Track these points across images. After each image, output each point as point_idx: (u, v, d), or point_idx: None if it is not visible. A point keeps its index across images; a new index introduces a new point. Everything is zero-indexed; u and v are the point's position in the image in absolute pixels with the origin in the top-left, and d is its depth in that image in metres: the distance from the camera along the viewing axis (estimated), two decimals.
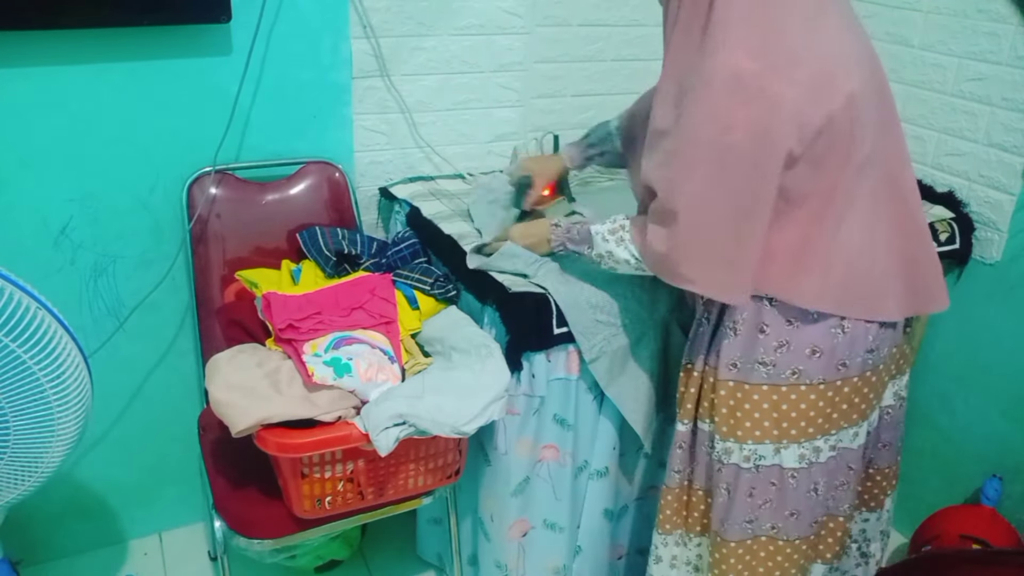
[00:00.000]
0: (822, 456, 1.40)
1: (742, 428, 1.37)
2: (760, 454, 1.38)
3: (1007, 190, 1.80)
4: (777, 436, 1.37)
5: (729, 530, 1.44)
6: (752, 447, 1.38)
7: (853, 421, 1.40)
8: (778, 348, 1.32)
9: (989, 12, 1.78)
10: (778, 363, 1.32)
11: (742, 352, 1.35)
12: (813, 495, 1.42)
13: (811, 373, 1.33)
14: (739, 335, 1.34)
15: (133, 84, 1.62)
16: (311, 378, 1.33)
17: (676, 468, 1.48)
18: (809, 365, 1.32)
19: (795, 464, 1.39)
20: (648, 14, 2.08)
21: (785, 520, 1.43)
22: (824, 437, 1.38)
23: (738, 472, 1.40)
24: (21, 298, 1.19)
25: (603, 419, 1.60)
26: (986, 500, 1.84)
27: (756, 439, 1.37)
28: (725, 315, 1.36)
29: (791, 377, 1.33)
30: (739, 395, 1.36)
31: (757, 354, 1.33)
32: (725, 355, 1.36)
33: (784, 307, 1.30)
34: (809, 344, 1.31)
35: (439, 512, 1.83)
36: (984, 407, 1.91)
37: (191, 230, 1.72)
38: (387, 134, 1.90)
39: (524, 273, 1.51)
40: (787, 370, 1.33)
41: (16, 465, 1.30)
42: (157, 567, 1.96)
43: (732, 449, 1.39)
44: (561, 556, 1.68)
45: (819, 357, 1.32)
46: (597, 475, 1.65)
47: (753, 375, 1.34)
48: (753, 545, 1.45)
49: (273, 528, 1.45)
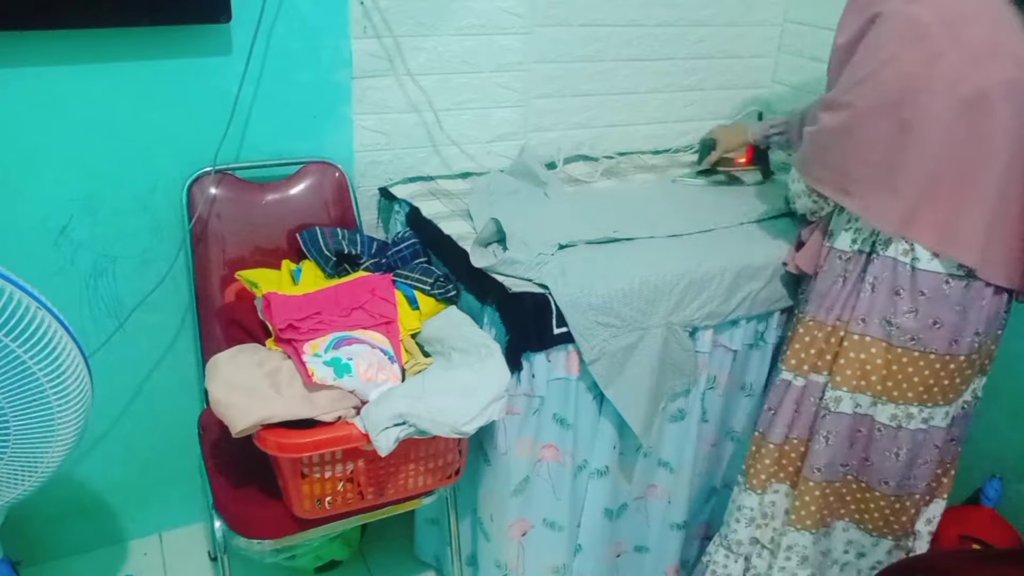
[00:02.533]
0: (912, 424, 1.49)
1: (856, 378, 1.49)
2: (858, 401, 1.51)
3: None
4: (880, 392, 1.49)
5: (823, 472, 1.56)
6: (858, 396, 1.50)
7: (948, 400, 1.49)
8: (907, 312, 1.43)
9: None
10: (903, 326, 1.44)
11: (873, 309, 1.46)
12: (894, 458, 1.51)
13: (927, 342, 1.44)
14: (876, 293, 1.45)
15: (133, 84, 1.62)
16: (311, 378, 1.33)
17: (786, 423, 1.58)
18: (928, 334, 1.43)
19: (886, 420, 1.50)
20: (648, 14, 2.08)
21: (862, 463, 1.55)
22: (919, 406, 1.48)
23: (840, 419, 1.52)
24: (21, 298, 1.19)
25: (603, 419, 1.60)
26: (986, 500, 1.84)
27: (860, 389, 1.50)
28: (867, 273, 1.46)
29: (908, 342, 1.45)
30: (860, 347, 1.48)
31: (888, 313, 1.45)
32: (860, 310, 1.47)
33: (925, 277, 1.41)
34: (934, 315, 1.42)
35: (436, 512, 1.83)
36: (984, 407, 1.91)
37: (191, 230, 1.72)
38: (387, 134, 1.90)
39: (526, 277, 1.51)
40: (907, 335, 1.44)
41: (16, 465, 1.30)
42: (157, 567, 1.96)
43: (842, 398, 1.51)
44: (561, 555, 1.68)
45: (938, 328, 1.43)
46: (597, 474, 1.65)
47: (878, 331, 1.46)
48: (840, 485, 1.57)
49: (273, 528, 1.45)
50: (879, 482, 1.55)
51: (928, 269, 1.41)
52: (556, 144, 2.11)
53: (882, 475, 1.55)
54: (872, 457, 1.54)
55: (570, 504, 1.64)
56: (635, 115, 2.20)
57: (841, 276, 1.50)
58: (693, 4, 2.13)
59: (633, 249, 1.63)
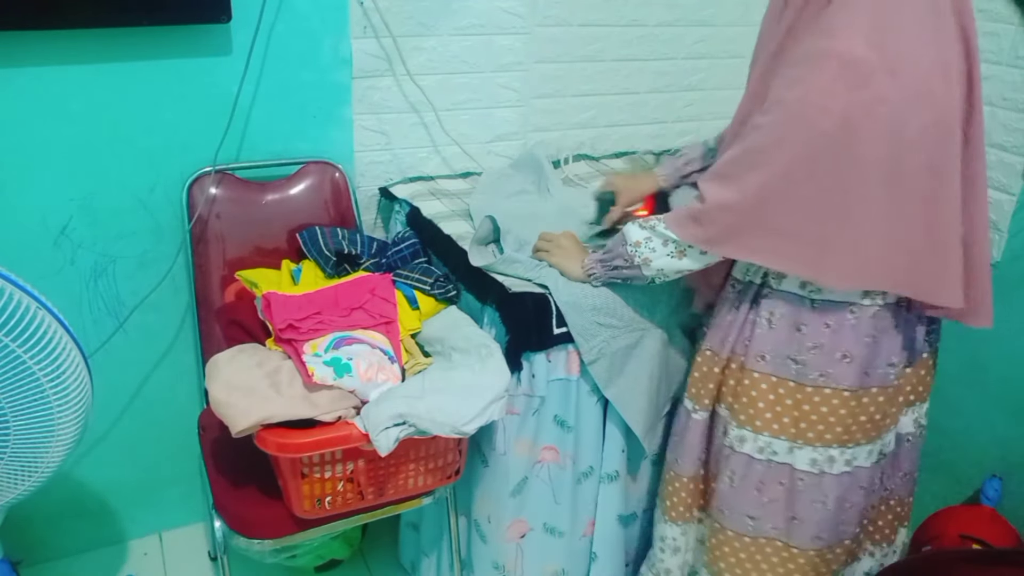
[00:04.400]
0: (835, 468, 1.39)
1: (761, 419, 1.39)
2: (774, 448, 1.40)
3: (1007, 190, 1.80)
4: (794, 435, 1.38)
5: (730, 519, 1.46)
6: (767, 439, 1.40)
7: (870, 438, 1.40)
8: (812, 349, 1.33)
9: (989, 12, 1.78)
10: (809, 363, 1.34)
11: (774, 346, 1.36)
12: (820, 507, 1.41)
13: (839, 377, 1.34)
14: (774, 329, 1.36)
15: (133, 84, 1.62)
16: (311, 378, 1.33)
17: (696, 456, 1.50)
18: (838, 369, 1.33)
19: (807, 467, 1.39)
20: (648, 14, 2.08)
21: (788, 523, 1.43)
22: (840, 448, 1.38)
23: (749, 462, 1.42)
24: (21, 298, 1.19)
25: (610, 423, 1.60)
26: (986, 500, 1.84)
27: (773, 432, 1.39)
28: (762, 307, 1.37)
29: (818, 379, 1.34)
30: (763, 386, 1.38)
31: (791, 351, 1.35)
32: (756, 346, 1.38)
33: (825, 309, 1.32)
34: (842, 349, 1.32)
35: (417, 517, 1.82)
36: (984, 407, 1.91)
37: (191, 230, 1.72)
38: (387, 134, 1.90)
39: (526, 277, 1.51)
40: (815, 372, 1.34)
41: (16, 465, 1.30)
42: (157, 567, 1.96)
43: (746, 437, 1.41)
44: (560, 560, 1.67)
45: (849, 363, 1.33)
46: (608, 479, 1.64)
47: (782, 370, 1.36)
48: (752, 544, 1.45)
49: (273, 528, 1.45)
50: (812, 539, 1.42)
51: (830, 299, 1.31)
52: (556, 144, 2.11)
53: (813, 530, 1.42)
54: (799, 513, 1.41)
55: (572, 510, 1.63)
56: (635, 115, 2.20)
57: (734, 306, 1.41)
58: (693, 4, 2.13)
59: None
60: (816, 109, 1.17)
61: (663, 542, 1.60)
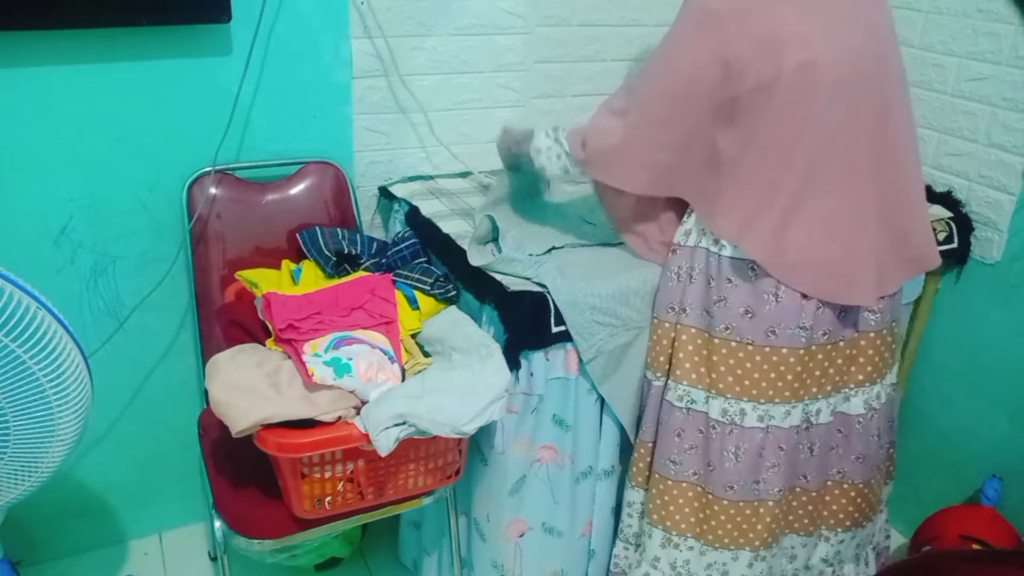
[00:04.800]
0: (746, 421, 1.46)
1: (681, 368, 1.49)
2: (692, 397, 1.50)
3: (1007, 190, 1.80)
4: (708, 384, 1.48)
5: (657, 462, 1.56)
6: (686, 388, 1.49)
7: (785, 398, 1.46)
8: (717, 302, 1.43)
9: (989, 12, 1.78)
10: (716, 315, 1.44)
11: (694, 299, 1.47)
12: (733, 459, 1.47)
13: (742, 331, 1.42)
14: (694, 282, 1.46)
15: (133, 84, 1.62)
16: (311, 378, 1.33)
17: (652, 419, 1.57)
18: (741, 323, 1.42)
19: (718, 416, 1.48)
20: (648, 14, 2.08)
21: (705, 469, 1.51)
22: (752, 403, 1.45)
23: (671, 409, 1.51)
24: (21, 298, 1.19)
25: (606, 419, 1.61)
26: (986, 500, 1.84)
27: (691, 382, 1.49)
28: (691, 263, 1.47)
29: (724, 332, 1.44)
30: (684, 337, 1.49)
31: (706, 303, 1.46)
32: (685, 299, 1.48)
33: (729, 265, 1.41)
34: (743, 303, 1.41)
35: (419, 516, 1.82)
36: (984, 407, 1.91)
37: (191, 230, 1.72)
38: (387, 134, 1.90)
39: (524, 276, 1.51)
40: (721, 324, 1.44)
41: (16, 465, 1.30)
42: (157, 567, 1.96)
43: (670, 387, 1.51)
44: (559, 560, 1.67)
45: (750, 318, 1.42)
46: (604, 475, 1.65)
47: (700, 321, 1.47)
48: (675, 487, 1.54)
49: (273, 528, 1.45)
50: (724, 487, 1.50)
51: (733, 256, 1.41)
52: None
53: (724, 479, 1.49)
54: (713, 460, 1.49)
55: (570, 510, 1.64)
56: None
57: (675, 272, 1.50)
58: None
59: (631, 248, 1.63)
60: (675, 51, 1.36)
61: (630, 507, 1.65)
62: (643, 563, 1.61)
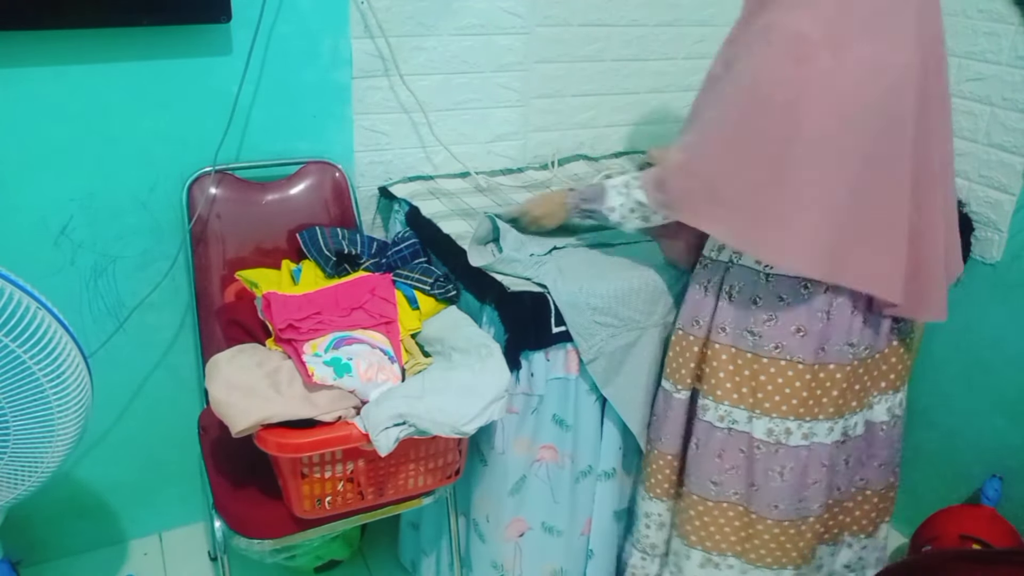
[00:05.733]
0: (792, 440, 1.44)
1: (722, 388, 1.45)
2: (734, 417, 1.46)
3: (1007, 190, 1.80)
4: (752, 404, 1.44)
5: (695, 484, 1.52)
6: (727, 408, 1.46)
7: (829, 415, 1.44)
8: (767, 321, 1.39)
9: (989, 12, 1.78)
10: (764, 335, 1.40)
11: (733, 319, 1.42)
12: (777, 477, 1.45)
13: (792, 350, 1.39)
14: (733, 302, 1.42)
15: (133, 84, 1.62)
16: (311, 378, 1.33)
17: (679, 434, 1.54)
18: (792, 342, 1.39)
19: (763, 436, 1.44)
20: (648, 14, 2.08)
21: (748, 489, 1.48)
22: (797, 421, 1.43)
23: (710, 430, 1.48)
24: (21, 298, 1.19)
25: (607, 420, 1.60)
26: (986, 500, 1.84)
27: (733, 402, 1.45)
28: (724, 281, 1.43)
29: (773, 351, 1.40)
30: (723, 357, 1.44)
31: (748, 323, 1.41)
32: (718, 319, 1.44)
33: (785, 283, 1.37)
34: (795, 322, 1.38)
35: (417, 516, 1.82)
36: (984, 407, 1.91)
37: (191, 230, 1.72)
38: (388, 134, 1.90)
39: (525, 276, 1.51)
40: (770, 343, 1.40)
41: (16, 465, 1.30)
42: (157, 567, 1.96)
43: (708, 406, 1.47)
44: (559, 559, 1.67)
45: (803, 336, 1.38)
46: (605, 476, 1.65)
47: (740, 341, 1.43)
48: (715, 508, 1.51)
49: (273, 528, 1.45)
50: (769, 507, 1.47)
51: (784, 274, 1.36)
52: (556, 144, 2.11)
53: (770, 498, 1.47)
54: (757, 480, 1.47)
55: (570, 509, 1.64)
56: (635, 115, 2.20)
57: (703, 284, 1.46)
58: (693, 4, 2.13)
59: (632, 249, 1.63)
60: (768, 81, 1.24)
61: (648, 518, 1.64)
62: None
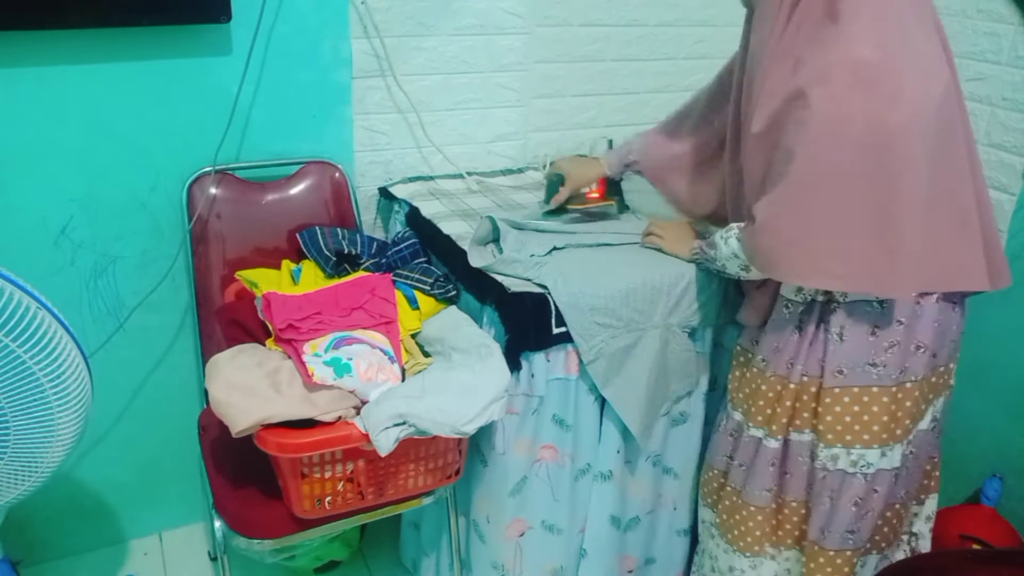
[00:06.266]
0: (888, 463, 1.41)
1: (851, 432, 1.37)
2: (868, 460, 1.38)
3: (1007, 190, 1.80)
4: (885, 439, 1.37)
5: (829, 539, 1.43)
6: (860, 451, 1.38)
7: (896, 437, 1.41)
8: (889, 348, 1.34)
9: (989, 12, 1.78)
10: (889, 363, 1.34)
11: (849, 358, 1.35)
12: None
13: (916, 370, 1.36)
14: (846, 341, 1.34)
15: (133, 84, 1.62)
16: (311, 378, 1.33)
17: (767, 487, 1.47)
18: (915, 362, 1.36)
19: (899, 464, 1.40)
20: (648, 14, 2.08)
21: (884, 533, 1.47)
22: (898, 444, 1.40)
23: (844, 478, 1.40)
24: (21, 298, 1.19)
25: (607, 421, 1.59)
26: (986, 500, 1.84)
27: (864, 443, 1.37)
28: (831, 323, 1.35)
29: (899, 376, 1.35)
30: (846, 399, 1.36)
31: (868, 357, 1.34)
32: (831, 362, 1.35)
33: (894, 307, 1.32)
34: (916, 340, 1.35)
35: (418, 517, 1.82)
36: (984, 407, 1.91)
37: (191, 230, 1.72)
38: (387, 134, 1.90)
39: (525, 276, 1.51)
40: (897, 370, 1.35)
41: (16, 465, 1.30)
42: (157, 567, 1.96)
43: (839, 455, 1.39)
44: (559, 558, 1.67)
45: (923, 352, 1.36)
46: (601, 478, 1.64)
47: (863, 379, 1.35)
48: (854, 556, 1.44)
49: (273, 528, 1.45)
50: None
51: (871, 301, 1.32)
52: (556, 144, 2.11)
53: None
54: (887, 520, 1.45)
55: (570, 507, 1.63)
56: (635, 115, 2.19)
57: (795, 326, 1.39)
58: (693, 4, 2.13)
59: (632, 249, 1.63)
60: (839, 119, 1.17)
61: (732, 572, 1.57)
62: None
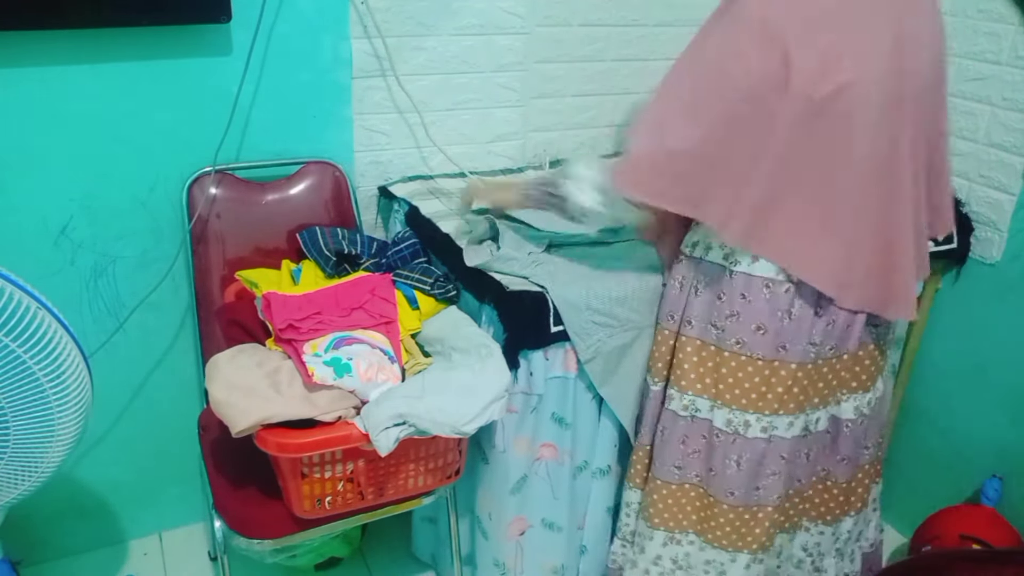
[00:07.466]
0: (749, 432, 1.47)
1: (686, 379, 1.49)
2: (697, 406, 1.50)
3: (1007, 190, 1.80)
4: (714, 395, 1.48)
5: (659, 469, 1.56)
6: (691, 398, 1.50)
7: (789, 410, 1.46)
8: (729, 317, 1.42)
9: (989, 12, 1.78)
10: (727, 329, 1.43)
11: (699, 312, 1.46)
12: (735, 467, 1.49)
13: (752, 346, 1.42)
14: (699, 296, 1.45)
15: (133, 84, 1.62)
16: (311, 378, 1.33)
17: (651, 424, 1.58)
18: (753, 339, 1.42)
19: (722, 426, 1.48)
20: (648, 14, 2.08)
21: (707, 473, 1.54)
22: (756, 414, 1.45)
23: (675, 418, 1.52)
24: (21, 298, 1.19)
25: (604, 417, 1.61)
26: (986, 500, 1.84)
27: (696, 392, 1.49)
28: (694, 276, 1.46)
29: (734, 346, 1.43)
30: (689, 349, 1.49)
31: (712, 317, 1.44)
32: (687, 312, 1.48)
33: (744, 281, 1.39)
34: (756, 320, 1.40)
35: (434, 511, 1.83)
36: (984, 407, 1.91)
37: (191, 230, 1.72)
38: (387, 134, 1.90)
39: (522, 275, 1.51)
40: (732, 338, 1.43)
41: (16, 465, 1.30)
42: (157, 567, 1.97)
43: (674, 396, 1.51)
44: (560, 556, 1.68)
45: (762, 334, 1.41)
46: (600, 473, 1.65)
47: (705, 334, 1.46)
48: (678, 490, 1.56)
49: (273, 528, 1.45)
50: (725, 493, 1.51)
51: (747, 272, 1.38)
52: (556, 144, 2.11)
53: (726, 485, 1.51)
54: (715, 466, 1.51)
55: (569, 505, 1.64)
56: (635, 115, 2.19)
57: (678, 281, 1.49)
58: (693, 4, 2.12)
59: (631, 249, 1.63)
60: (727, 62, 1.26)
61: (628, 507, 1.67)
62: (642, 561, 1.62)
